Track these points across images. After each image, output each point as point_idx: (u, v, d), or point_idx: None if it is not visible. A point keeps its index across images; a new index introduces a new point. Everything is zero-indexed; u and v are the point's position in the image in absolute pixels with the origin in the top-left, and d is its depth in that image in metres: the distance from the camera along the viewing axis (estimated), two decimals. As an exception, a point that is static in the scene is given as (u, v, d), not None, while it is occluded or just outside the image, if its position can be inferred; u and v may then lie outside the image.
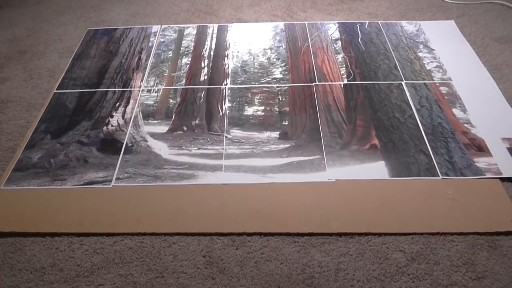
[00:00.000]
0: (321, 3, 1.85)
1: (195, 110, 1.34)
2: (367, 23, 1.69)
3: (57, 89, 1.43)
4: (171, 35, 1.68)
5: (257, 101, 1.37)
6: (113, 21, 1.79)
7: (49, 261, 0.95)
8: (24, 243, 0.99)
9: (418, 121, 1.25)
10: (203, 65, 1.52)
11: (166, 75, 1.49)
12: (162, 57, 1.57)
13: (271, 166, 1.14)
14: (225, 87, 1.42)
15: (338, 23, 1.71)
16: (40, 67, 1.55)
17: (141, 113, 1.33)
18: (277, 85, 1.42)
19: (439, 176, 1.09)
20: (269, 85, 1.42)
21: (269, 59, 1.54)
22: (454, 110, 1.29)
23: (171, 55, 1.58)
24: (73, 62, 1.56)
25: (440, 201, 1.03)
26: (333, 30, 1.67)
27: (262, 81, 1.44)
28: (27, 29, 1.76)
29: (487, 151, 1.16)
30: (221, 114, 1.32)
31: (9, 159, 1.19)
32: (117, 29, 1.73)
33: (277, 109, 1.33)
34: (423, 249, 0.95)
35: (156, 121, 1.31)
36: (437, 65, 1.47)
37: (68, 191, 1.09)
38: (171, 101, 1.38)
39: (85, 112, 1.34)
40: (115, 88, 1.43)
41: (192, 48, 1.61)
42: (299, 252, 0.95)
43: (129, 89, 1.43)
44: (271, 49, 1.59)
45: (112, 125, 1.29)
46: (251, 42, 1.62)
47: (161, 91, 1.42)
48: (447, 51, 1.53)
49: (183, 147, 1.21)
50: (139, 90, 1.42)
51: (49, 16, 1.84)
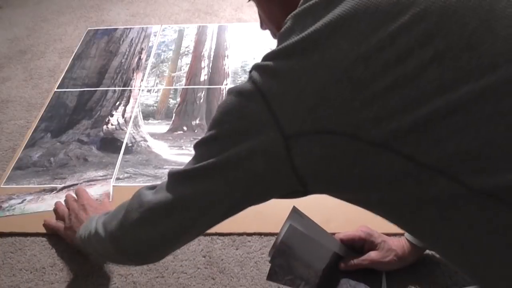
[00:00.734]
0: (321, 3, 1.85)
1: (195, 110, 1.34)
2: (367, 23, 1.68)
3: (57, 89, 1.43)
4: (171, 35, 1.68)
5: (257, 101, 1.36)
6: (113, 21, 1.79)
7: (49, 261, 0.95)
8: (24, 243, 0.99)
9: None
10: (203, 65, 1.52)
11: (166, 75, 1.49)
12: (162, 57, 1.57)
13: (271, 166, 1.14)
14: (225, 87, 1.42)
15: (338, 23, 1.71)
16: (40, 67, 1.55)
17: (141, 113, 1.33)
18: (277, 85, 1.42)
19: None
20: (269, 85, 1.42)
21: (269, 59, 1.54)
22: (454, 110, 1.29)
23: (171, 55, 1.58)
24: (73, 62, 1.56)
25: (440, 201, 1.03)
26: (333, 30, 1.66)
27: (262, 81, 1.44)
28: (27, 29, 1.76)
29: (487, 151, 1.16)
30: (221, 114, 1.32)
31: (9, 159, 1.19)
32: (117, 29, 1.73)
33: (277, 109, 1.33)
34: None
35: (156, 121, 1.31)
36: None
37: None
38: (171, 101, 1.38)
39: (85, 111, 1.34)
40: (115, 88, 1.43)
41: (192, 48, 1.61)
42: (299, 252, 0.95)
43: (129, 88, 1.43)
44: (271, 49, 1.58)
45: (112, 124, 1.29)
46: (251, 42, 1.62)
47: (161, 91, 1.42)
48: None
49: (183, 147, 1.21)
50: (139, 90, 1.42)
51: (49, 16, 1.84)
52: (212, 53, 1.58)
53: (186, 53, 1.59)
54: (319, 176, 0.50)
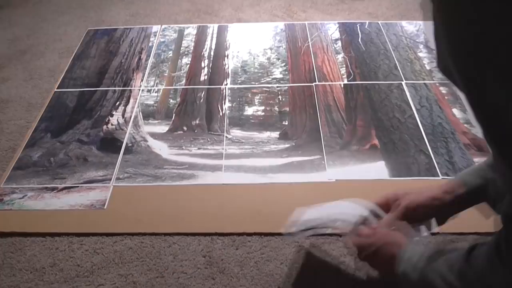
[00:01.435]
0: (321, 3, 1.85)
1: (195, 110, 1.34)
2: (367, 23, 1.69)
3: (57, 89, 1.43)
4: (171, 35, 1.68)
5: (257, 101, 1.37)
6: (113, 21, 1.79)
7: (49, 261, 0.95)
8: (24, 243, 0.99)
9: (418, 121, 1.25)
10: (203, 65, 1.52)
11: (166, 75, 1.49)
12: (162, 57, 1.57)
13: (271, 166, 1.14)
14: (225, 87, 1.42)
15: (338, 23, 1.71)
16: (40, 67, 1.55)
17: (141, 113, 1.33)
18: (277, 85, 1.42)
19: (439, 176, 1.09)
20: (269, 85, 1.42)
21: (269, 59, 1.54)
22: (454, 110, 1.29)
23: (171, 55, 1.58)
24: (73, 62, 1.56)
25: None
26: (333, 30, 1.67)
27: (262, 81, 1.44)
28: (27, 29, 1.76)
29: (487, 151, 1.16)
30: (221, 114, 1.32)
31: (9, 159, 1.19)
32: (117, 29, 1.73)
33: (277, 109, 1.33)
34: (423, 249, 0.95)
35: (156, 121, 1.31)
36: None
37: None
38: (171, 101, 1.38)
39: (85, 111, 1.34)
40: (115, 88, 1.43)
41: (192, 48, 1.61)
42: (299, 252, 0.95)
43: (129, 88, 1.43)
44: (271, 49, 1.59)
45: (112, 124, 1.29)
46: (251, 42, 1.62)
47: (161, 91, 1.42)
48: (447, 51, 1.53)
49: (183, 147, 1.21)
50: (139, 90, 1.42)
51: (49, 16, 1.84)
52: (212, 53, 1.58)
53: (186, 53, 1.59)
54: None
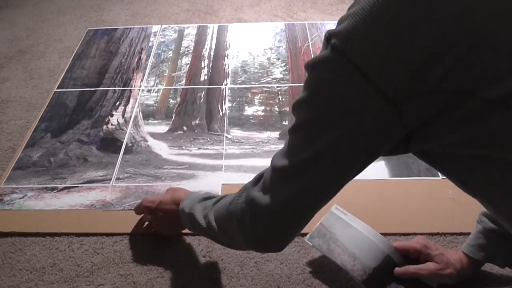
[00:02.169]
0: (321, 3, 1.85)
1: (195, 110, 1.34)
2: (367, 23, 1.68)
3: (57, 89, 1.43)
4: (171, 35, 1.68)
5: (257, 101, 1.37)
6: (113, 21, 1.79)
7: (49, 261, 0.95)
8: (24, 243, 0.99)
9: (418, 121, 1.25)
10: (203, 65, 1.52)
11: (166, 75, 1.49)
12: (162, 57, 1.57)
13: (271, 166, 1.14)
14: (225, 87, 1.42)
15: (338, 23, 1.71)
16: (40, 67, 1.55)
17: (141, 113, 1.33)
18: (277, 85, 1.42)
19: (439, 176, 1.09)
20: (269, 85, 1.42)
21: (269, 59, 1.54)
22: (454, 110, 1.29)
23: (171, 55, 1.58)
24: (73, 62, 1.56)
25: (440, 201, 1.03)
26: (333, 30, 1.66)
27: (262, 81, 1.44)
28: (27, 29, 1.76)
29: (487, 151, 1.16)
30: (221, 114, 1.32)
31: (9, 159, 1.19)
32: (117, 29, 1.73)
33: (277, 109, 1.33)
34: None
35: (156, 121, 1.31)
36: (437, 65, 1.47)
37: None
38: (171, 101, 1.38)
39: (85, 111, 1.34)
40: (115, 88, 1.43)
41: (192, 48, 1.61)
42: (299, 252, 0.95)
43: (129, 88, 1.43)
44: (271, 49, 1.59)
45: (112, 124, 1.29)
46: (251, 42, 1.62)
47: (161, 91, 1.42)
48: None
49: (183, 147, 1.21)
50: (139, 90, 1.42)
51: (49, 16, 1.84)
52: (212, 53, 1.58)
53: (186, 53, 1.59)
54: (426, 131, 0.50)
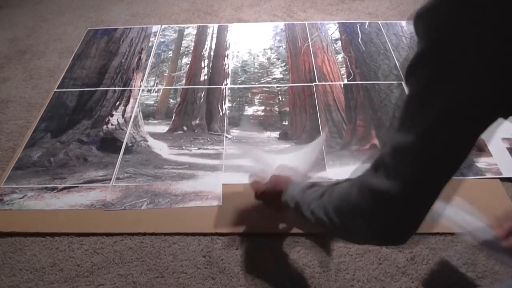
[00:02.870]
0: (321, 3, 1.85)
1: (195, 110, 1.34)
2: (367, 23, 1.69)
3: (57, 89, 1.43)
4: (171, 35, 1.68)
5: (257, 101, 1.37)
6: (113, 21, 1.79)
7: (49, 261, 0.95)
8: (24, 243, 0.99)
9: (418, 121, 1.25)
10: (203, 65, 1.52)
11: (166, 75, 1.49)
12: (162, 57, 1.57)
13: (271, 166, 1.14)
14: (225, 87, 1.42)
15: (338, 23, 1.71)
16: (40, 67, 1.55)
17: (141, 113, 1.33)
18: (277, 85, 1.42)
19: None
20: (269, 85, 1.42)
21: (269, 59, 1.54)
22: (454, 110, 1.29)
23: (171, 55, 1.58)
24: (73, 62, 1.56)
25: (439, 201, 1.03)
26: (333, 30, 1.67)
27: (262, 81, 1.44)
28: (27, 29, 1.76)
29: (487, 151, 1.16)
30: (221, 114, 1.32)
31: (9, 159, 1.19)
32: (117, 29, 1.73)
33: (277, 109, 1.33)
34: (423, 249, 0.95)
35: (156, 121, 1.31)
36: (437, 65, 1.47)
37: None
38: (171, 101, 1.38)
39: (85, 111, 1.34)
40: (115, 88, 1.43)
41: (192, 48, 1.61)
42: (299, 252, 0.95)
43: (129, 88, 1.43)
44: (271, 49, 1.59)
45: (112, 124, 1.29)
46: (251, 42, 1.62)
47: (161, 91, 1.42)
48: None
49: (183, 147, 1.21)
50: (139, 90, 1.42)
51: (49, 16, 1.84)
52: (212, 53, 1.58)
53: (186, 53, 1.59)
54: None
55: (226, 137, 1.24)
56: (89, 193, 1.08)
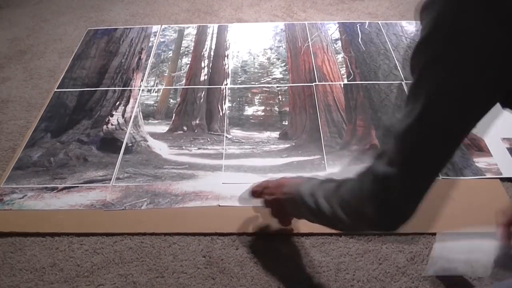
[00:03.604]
0: (321, 3, 1.85)
1: (195, 110, 1.34)
2: (367, 23, 1.69)
3: (57, 89, 1.43)
4: (171, 35, 1.68)
5: (257, 101, 1.37)
6: (113, 21, 1.79)
7: (49, 261, 0.95)
8: (24, 243, 0.99)
9: (418, 121, 1.25)
10: (203, 65, 1.52)
11: (166, 75, 1.49)
12: (162, 57, 1.57)
13: (271, 166, 1.14)
14: (225, 87, 1.42)
15: (338, 23, 1.71)
16: (40, 67, 1.55)
17: (141, 113, 1.33)
18: (277, 85, 1.42)
19: (439, 176, 1.09)
20: (269, 85, 1.42)
21: (269, 59, 1.54)
22: (454, 110, 1.29)
23: (171, 55, 1.58)
24: (73, 62, 1.56)
25: (440, 201, 1.03)
26: (333, 30, 1.67)
27: (262, 81, 1.44)
28: (27, 29, 1.76)
29: (487, 151, 1.16)
30: (221, 114, 1.32)
31: (9, 159, 1.19)
32: (117, 29, 1.73)
33: (277, 109, 1.33)
34: (423, 249, 0.95)
35: (156, 121, 1.31)
36: (437, 65, 1.47)
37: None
38: (171, 101, 1.38)
39: (85, 111, 1.34)
40: (115, 88, 1.43)
41: (192, 48, 1.61)
42: (299, 252, 0.95)
43: (129, 88, 1.43)
44: (271, 49, 1.59)
45: (112, 124, 1.29)
46: (251, 42, 1.62)
47: (161, 91, 1.42)
48: (447, 51, 1.53)
49: (183, 147, 1.21)
50: (139, 90, 1.42)
51: (49, 16, 1.84)
52: (212, 53, 1.58)
53: (186, 53, 1.59)
54: None
55: (226, 137, 1.24)
56: (89, 193, 1.08)
